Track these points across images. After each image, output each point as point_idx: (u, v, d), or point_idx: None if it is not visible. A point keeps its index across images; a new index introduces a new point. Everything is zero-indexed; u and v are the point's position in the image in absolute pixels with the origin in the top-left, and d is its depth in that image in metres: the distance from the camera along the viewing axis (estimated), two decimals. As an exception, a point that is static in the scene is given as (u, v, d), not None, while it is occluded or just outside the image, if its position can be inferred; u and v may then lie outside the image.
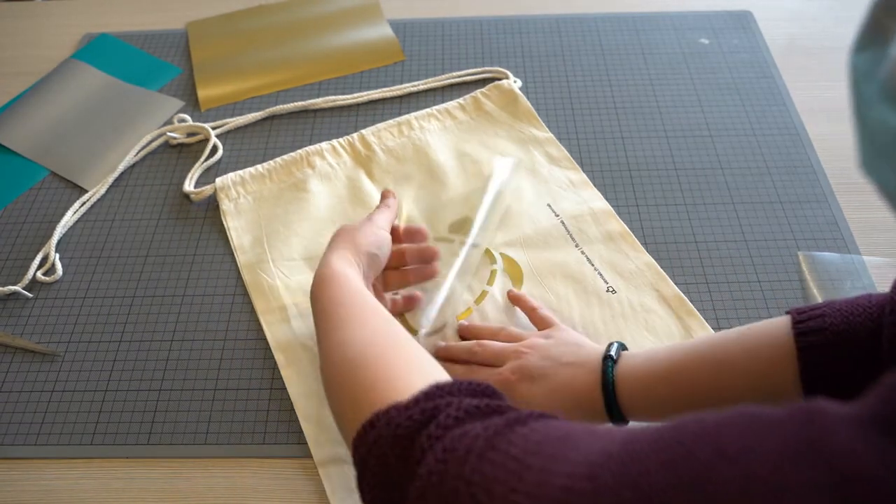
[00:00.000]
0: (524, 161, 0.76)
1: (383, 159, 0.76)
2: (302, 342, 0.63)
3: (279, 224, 0.71)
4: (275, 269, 0.68)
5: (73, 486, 0.57)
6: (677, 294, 0.65)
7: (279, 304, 0.66)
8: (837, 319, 0.45)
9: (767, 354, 0.47)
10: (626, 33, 0.91)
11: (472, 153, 0.77)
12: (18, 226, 0.75)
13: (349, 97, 0.84)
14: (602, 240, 0.69)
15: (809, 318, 0.46)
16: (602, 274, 0.67)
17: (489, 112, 0.81)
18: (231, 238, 0.71)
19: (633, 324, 0.63)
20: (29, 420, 0.61)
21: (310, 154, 0.76)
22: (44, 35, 0.96)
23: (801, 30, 0.91)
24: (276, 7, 0.96)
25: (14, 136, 0.83)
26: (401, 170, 0.76)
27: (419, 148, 0.77)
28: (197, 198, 0.74)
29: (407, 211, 0.72)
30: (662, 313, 0.64)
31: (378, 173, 0.75)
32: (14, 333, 0.66)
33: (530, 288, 0.66)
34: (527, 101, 0.82)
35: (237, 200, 0.73)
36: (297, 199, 0.73)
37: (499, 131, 0.79)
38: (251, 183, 0.74)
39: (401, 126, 0.79)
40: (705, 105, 0.82)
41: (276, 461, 0.58)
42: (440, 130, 0.79)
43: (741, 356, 0.49)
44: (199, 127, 0.80)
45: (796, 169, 0.75)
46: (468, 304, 0.65)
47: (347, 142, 0.78)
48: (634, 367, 0.52)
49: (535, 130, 0.79)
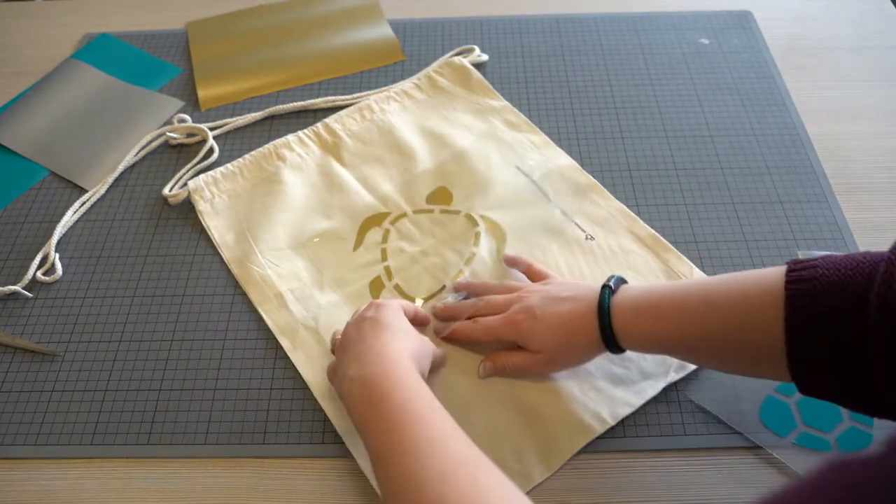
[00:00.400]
0: (485, 130, 0.78)
1: (350, 144, 0.78)
2: (304, 324, 0.64)
3: (259, 217, 0.72)
4: (263, 259, 0.69)
5: (73, 486, 0.57)
6: (651, 233, 0.69)
7: (274, 291, 0.67)
8: (829, 271, 0.44)
9: (758, 299, 0.47)
10: (626, 33, 0.91)
11: (436, 128, 0.79)
12: (18, 226, 0.75)
13: (349, 97, 0.84)
14: (572, 192, 0.73)
15: (804, 267, 0.46)
16: (579, 224, 0.70)
17: (444, 88, 0.83)
18: (213, 237, 0.71)
19: (616, 265, 0.67)
20: (29, 420, 0.61)
21: (277, 147, 0.77)
22: (44, 35, 0.96)
23: (802, 30, 0.91)
24: (276, 7, 0.96)
25: (14, 136, 0.83)
26: (370, 152, 0.77)
27: (383, 129, 0.79)
28: (174, 201, 0.74)
29: (384, 190, 0.74)
30: (641, 252, 0.68)
31: (348, 157, 0.77)
32: (14, 333, 0.66)
33: (515, 246, 0.69)
34: (479, 74, 0.84)
35: (213, 200, 0.74)
36: (273, 191, 0.74)
37: (456, 105, 0.82)
38: (224, 182, 0.75)
39: (362, 111, 0.81)
40: (705, 105, 0.82)
41: (276, 461, 0.58)
42: (400, 111, 0.81)
43: (732, 297, 0.49)
44: (197, 128, 0.80)
45: (796, 169, 0.75)
46: (458, 267, 0.67)
47: (313, 131, 0.79)
48: (630, 297, 0.54)
49: (491, 101, 0.82)
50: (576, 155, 0.77)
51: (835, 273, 0.44)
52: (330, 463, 0.58)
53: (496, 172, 0.74)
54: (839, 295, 0.43)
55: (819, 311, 0.44)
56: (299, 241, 0.70)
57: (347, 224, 0.71)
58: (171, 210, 0.75)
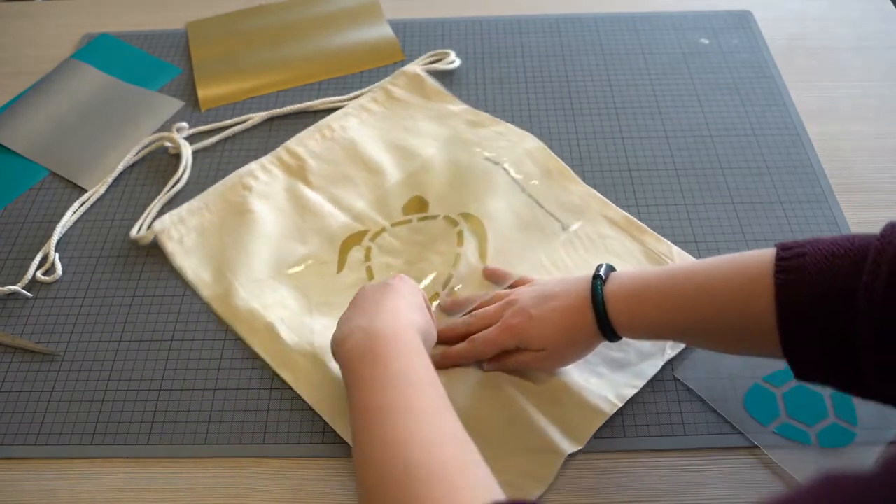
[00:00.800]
0: (449, 135, 0.78)
1: (315, 165, 0.76)
2: (300, 352, 0.62)
3: (233, 251, 0.69)
4: (246, 293, 0.66)
5: (73, 486, 0.57)
6: (625, 216, 0.70)
7: (263, 322, 0.64)
8: (818, 259, 0.45)
9: (747, 286, 0.47)
10: (626, 33, 0.91)
11: (399, 140, 0.78)
12: (18, 226, 0.75)
13: (349, 97, 0.83)
14: (542, 176, 0.73)
15: (792, 255, 0.46)
16: (553, 214, 0.71)
17: (401, 99, 0.83)
18: (187, 277, 0.68)
19: (595, 252, 0.68)
20: (29, 420, 0.61)
21: (242, 177, 0.75)
22: (44, 35, 0.96)
23: (802, 30, 0.91)
24: (276, 7, 0.96)
25: (14, 136, 0.83)
26: (336, 171, 0.76)
27: (347, 147, 0.78)
28: (143, 242, 0.71)
29: (358, 207, 0.72)
30: (617, 236, 0.69)
31: (314, 179, 0.75)
32: (14, 333, 0.66)
33: (496, 244, 0.68)
34: (433, 81, 0.84)
35: (181, 240, 0.71)
36: (243, 222, 0.71)
37: (415, 114, 0.81)
38: (190, 218, 0.72)
39: (322, 130, 0.79)
40: (705, 105, 0.82)
41: (276, 461, 0.58)
42: (360, 126, 0.80)
43: (721, 284, 0.49)
44: (176, 145, 0.78)
45: (796, 169, 0.75)
46: (448, 270, 0.67)
47: (275, 157, 0.77)
48: (622, 286, 0.54)
49: (449, 105, 0.82)
50: (576, 155, 0.77)
51: (823, 261, 0.44)
52: (330, 463, 0.57)
53: (466, 171, 0.74)
54: (828, 283, 0.44)
55: (809, 301, 0.44)
56: (279, 270, 0.68)
57: (325, 246, 0.70)
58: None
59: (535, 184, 0.73)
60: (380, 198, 0.73)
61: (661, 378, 0.60)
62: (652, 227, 0.70)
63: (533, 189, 0.72)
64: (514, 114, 0.82)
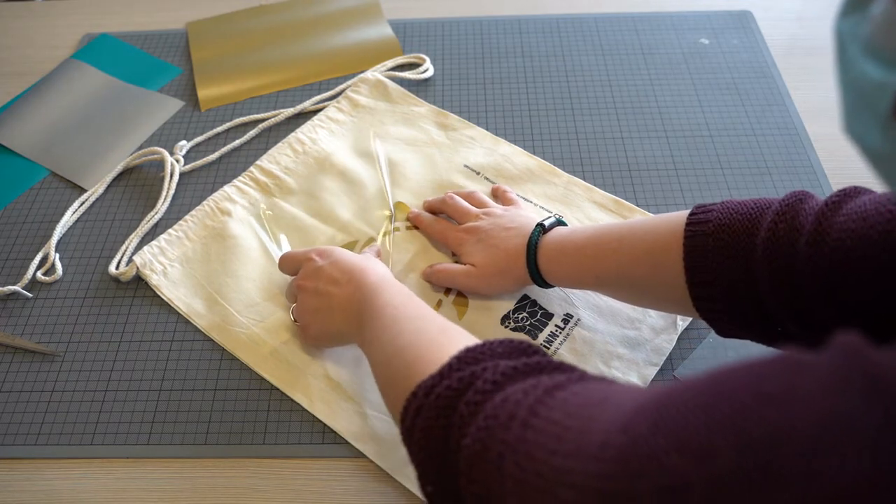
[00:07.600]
0: (421, 138, 0.79)
1: (290, 181, 0.75)
2: (312, 374, 0.61)
3: (223, 277, 0.68)
4: (244, 319, 0.65)
5: (73, 486, 0.57)
6: (612, 198, 0.72)
7: (268, 349, 0.63)
8: (722, 214, 0.50)
9: (663, 239, 0.52)
10: (626, 33, 0.91)
11: (371, 148, 0.78)
12: (18, 226, 0.75)
13: (317, 101, 0.83)
14: (525, 177, 0.75)
15: (703, 210, 0.51)
16: (543, 206, 0.72)
17: (366, 106, 0.82)
18: (178, 308, 0.66)
19: None
20: (29, 420, 0.61)
21: (218, 202, 0.73)
22: (44, 35, 0.96)
23: (802, 30, 0.91)
24: (276, 7, 0.96)
25: (14, 136, 0.83)
26: (314, 184, 0.75)
27: (320, 160, 0.77)
28: (124, 278, 0.69)
29: (344, 219, 0.72)
30: (607, 218, 0.71)
31: (293, 195, 0.74)
32: (14, 333, 0.66)
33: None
34: (396, 85, 0.84)
35: (165, 271, 0.69)
36: (227, 247, 0.69)
37: (384, 120, 0.81)
38: (171, 249, 0.70)
39: (292, 145, 0.78)
40: (705, 105, 0.82)
41: (276, 461, 0.58)
42: (329, 137, 0.79)
43: (640, 236, 0.54)
44: (163, 169, 0.77)
45: (796, 169, 0.75)
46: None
47: (248, 177, 0.75)
48: (557, 236, 0.60)
49: (415, 107, 0.82)
50: (576, 155, 0.77)
51: (727, 216, 0.50)
52: (330, 463, 0.58)
53: (445, 173, 0.75)
54: (729, 235, 0.48)
55: (713, 251, 0.49)
56: (272, 291, 0.67)
57: None
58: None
59: (518, 183, 0.74)
60: (362, 207, 0.73)
61: (660, 378, 0.60)
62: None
63: (518, 188, 0.73)
64: (515, 114, 0.82)
